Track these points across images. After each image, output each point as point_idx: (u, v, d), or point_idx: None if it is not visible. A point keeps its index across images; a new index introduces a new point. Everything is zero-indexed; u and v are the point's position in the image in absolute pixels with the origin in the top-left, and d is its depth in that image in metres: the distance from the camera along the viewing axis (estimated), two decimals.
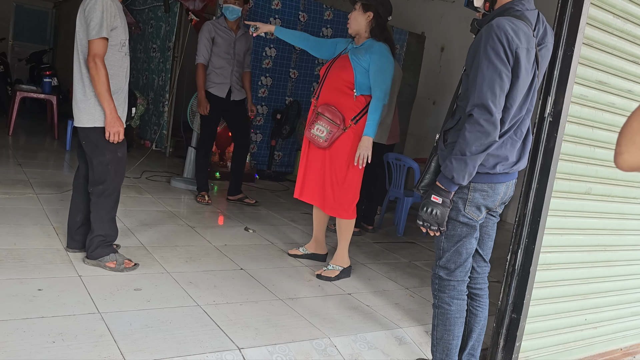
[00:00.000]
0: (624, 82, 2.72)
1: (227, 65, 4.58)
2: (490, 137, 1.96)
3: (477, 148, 1.96)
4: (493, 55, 1.93)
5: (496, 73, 1.93)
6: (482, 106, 1.94)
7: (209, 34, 4.53)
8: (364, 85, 3.19)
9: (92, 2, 2.68)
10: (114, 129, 2.75)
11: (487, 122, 1.94)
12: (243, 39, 4.66)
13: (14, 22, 11.85)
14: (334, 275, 3.34)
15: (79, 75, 2.80)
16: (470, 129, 1.96)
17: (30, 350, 2.02)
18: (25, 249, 3.01)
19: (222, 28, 4.56)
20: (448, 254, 2.19)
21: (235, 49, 4.60)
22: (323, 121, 3.19)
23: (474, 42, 2.05)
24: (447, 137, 2.15)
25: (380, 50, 3.18)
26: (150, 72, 7.19)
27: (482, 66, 1.95)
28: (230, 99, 4.62)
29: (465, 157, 1.97)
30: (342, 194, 3.28)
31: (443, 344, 2.25)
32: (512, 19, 1.97)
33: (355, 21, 3.22)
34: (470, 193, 2.11)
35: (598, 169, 2.72)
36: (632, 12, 2.63)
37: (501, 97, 1.96)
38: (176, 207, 4.45)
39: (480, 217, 2.16)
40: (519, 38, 1.94)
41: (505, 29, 1.93)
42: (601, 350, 3.13)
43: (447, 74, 6.76)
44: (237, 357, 2.25)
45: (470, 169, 1.99)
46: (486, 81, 1.94)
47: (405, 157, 4.77)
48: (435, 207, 2.06)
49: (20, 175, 4.63)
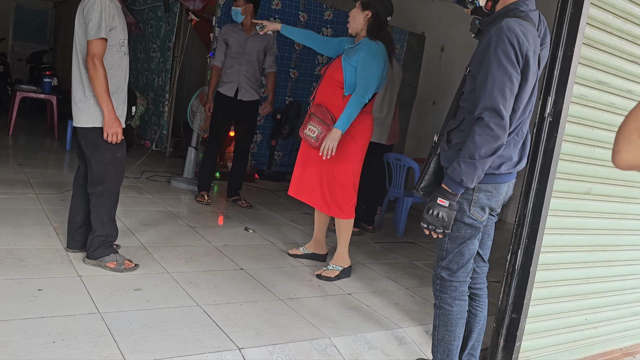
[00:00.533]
0: (624, 82, 2.72)
1: (236, 64, 4.59)
2: (500, 140, 1.95)
3: (487, 152, 1.95)
4: (504, 58, 1.91)
5: (507, 76, 1.92)
6: (493, 109, 1.93)
7: (222, 38, 4.62)
8: (353, 84, 3.19)
9: (91, 2, 2.68)
10: (112, 129, 2.75)
11: (497, 126, 1.93)
12: (257, 39, 4.64)
13: (14, 22, 11.85)
14: (334, 275, 3.34)
15: (78, 76, 2.80)
16: (480, 133, 1.94)
17: (31, 350, 2.02)
18: (25, 249, 3.01)
19: (234, 29, 4.60)
20: (451, 255, 2.19)
21: (247, 49, 4.59)
22: (314, 121, 3.21)
23: (481, 43, 2.02)
24: (452, 137, 2.14)
25: (369, 48, 3.16)
26: (150, 72, 7.19)
27: (493, 69, 1.93)
28: (238, 98, 4.60)
29: (475, 160, 1.96)
30: (336, 192, 3.29)
31: (444, 344, 2.25)
32: (520, 20, 1.96)
33: (354, 19, 3.22)
34: (475, 194, 2.10)
35: (598, 169, 2.72)
36: (632, 12, 2.63)
37: (511, 101, 1.95)
38: (176, 207, 4.45)
39: (484, 217, 2.16)
40: (528, 41, 1.94)
41: (516, 31, 1.91)
42: (601, 350, 3.13)
43: (447, 74, 6.76)
44: (237, 357, 2.25)
45: (479, 172, 1.98)
46: (497, 84, 1.92)
47: (405, 157, 4.77)
48: (441, 210, 2.03)
49: (20, 175, 4.63)
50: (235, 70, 4.59)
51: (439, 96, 6.84)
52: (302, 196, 3.42)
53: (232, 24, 4.71)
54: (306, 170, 3.39)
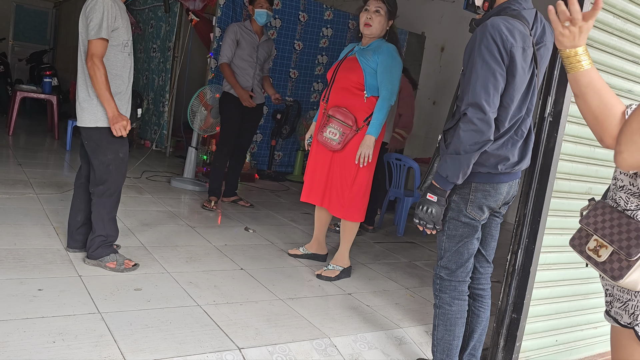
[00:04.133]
0: (624, 82, 2.72)
1: (250, 68, 4.58)
2: (485, 135, 1.96)
3: (472, 147, 1.97)
4: (487, 55, 1.93)
5: (490, 72, 1.94)
6: (476, 105, 1.95)
7: (234, 36, 4.52)
8: (373, 86, 3.19)
9: (93, 2, 2.69)
10: (118, 123, 2.75)
11: (480, 121, 1.95)
12: (265, 45, 4.67)
13: (14, 22, 11.85)
14: (334, 275, 3.34)
15: (82, 76, 2.80)
16: (465, 128, 1.97)
17: (31, 350, 2.02)
18: (25, 248, 3.01)
19: (247, 31, 4.57)
20: (449, 254, 2.19)
21: (258, 53, 4.61)
22: (335, 123, 3.16)
23: (469, 42, 2.05)
24: (447, 137, 2.15)
25: (388, 50, 3.19)
26: (151, 72, 7.20)
27: (477, 65, 1.95)
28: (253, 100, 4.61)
29: (460, 155, 1.98)
30: (352, 195, 3.26)
31: (444, 344, 2.25)
32: (507, 18, 1.97)
33: (380, 25, 3.21)
34: (472, 193, 2.11)
35: (598, 168, 2.72)
36: (633, 12, 2.63)
37: (495, 97, 1.96)
38: (176, 207, 4.45)
39: (483, 217, 2.16)
40: (513, 37, 1.94)
41: (499, 28, 1.93)
42: (601, 350, 3.12)
43: (447, 74, 6.76)
44: (237, 357, 2.25)
45: (464, 167, 1.99)
46: (480, 80, 1.94)
47: (405, 157, 4.77)
48: (430, 205, 2.07)
49: (21, 175, 4.63)
50: (250, 74, 4.58)
51: (439, 96, 6.84)
52: (315, 200, 3.39)
53: (242, 23, 4.66)
54: (317, 174, 3.35)
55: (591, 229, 1.59)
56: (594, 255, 1.57)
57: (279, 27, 6.23)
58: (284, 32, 6.28)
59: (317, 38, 6.52)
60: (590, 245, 1.60)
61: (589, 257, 1.59)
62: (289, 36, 6.32)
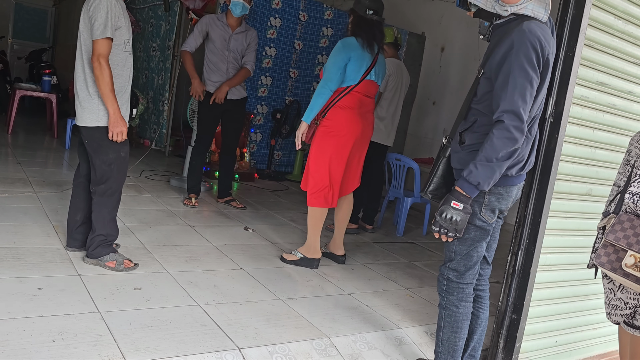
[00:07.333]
0: (625, 83, 2.72)
1: (221, 62, 4.47)
2: (517, 143, 1.95)
3: (505, 155, 1.94)
4: (526, 62, 1.91)
5: (527, 80, 1.92)
6: (513, 113, 1.92)
7: (203, 27, 4.43)
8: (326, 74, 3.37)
9: (97, 1, 2.68)
10: (117, 129, 2.75)
11: (516, 129, 1.93)
12: (241, 36, 4.51)
13: (14, 20, 11.82)
14: (290, 259, 3.45)
15: (82, 75, 2.79)
16: (499, 135, 1.93)
17: (30, 350, 2.02)
18: (24, 247, 3.00)
19: (218, 23, 4.44)
20: (460, 257, 2.18)
21: (230, 46, 4.47)
22: None
23: (501, 44, 1.98)
24: (464, 138, 2.12)
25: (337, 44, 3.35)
26: (150, 71, 7.19)
27: (514, 72, 1.92)
28: (227, 98, 4.51)
29: (493, 163, 1.95)
30: (308, 177, 3.43)
31: (449, 345, 2.25)
32: (539, 23, 1.95)
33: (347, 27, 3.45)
34: (486, 196, 2.09)
35: (599, 170, 2.72)
36: (634, 14, 2.64)
37: (529, 105, 1.96)
38: (176, 207, 4.44)
39: (493, 220, 2.15)
40: (548, 44, 1.95)
41: (537, 34, 1.92)
42: (601, 352, 3.13)
43: (447, 74, 6.76)
44: (237, 357, 2.25)
45: (496, 175, 1.98)
46: (518, 88, 1.92)
47: (405, 157, 4.77)
48: (455, 213, 2.00)
49: (20, 174, 4.62)
50: (222, 69, 4.48)
51: (439, 96, 6.84)
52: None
53: (215, 15, 4.58)
54: None
55: (623, 245, 1.50)
56: (636, 272, 1.47)
57: (279, 27, 6.22)
58: (284, 32, 6.27)
59: (317, 38, 6.51)
60: (627, 261, 1.50)
61: (627, 274, 1.49)
62: (289, 36, 6.32)
